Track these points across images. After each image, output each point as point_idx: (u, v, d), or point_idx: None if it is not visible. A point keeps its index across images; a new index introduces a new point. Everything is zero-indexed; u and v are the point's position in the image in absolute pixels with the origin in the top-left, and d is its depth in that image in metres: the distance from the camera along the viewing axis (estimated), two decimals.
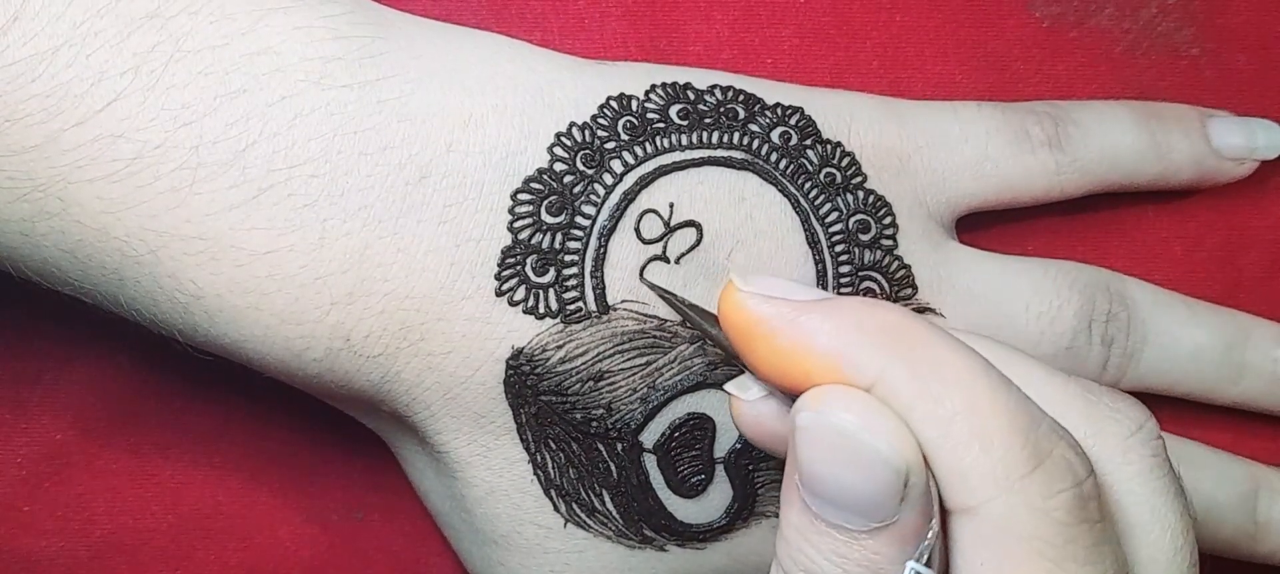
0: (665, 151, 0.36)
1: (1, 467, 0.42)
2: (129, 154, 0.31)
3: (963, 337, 0.29)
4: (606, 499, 0.37)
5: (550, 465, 0.36)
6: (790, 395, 0.29)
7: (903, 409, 0.27)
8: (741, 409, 0.32)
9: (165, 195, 0.32)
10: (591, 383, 0.35)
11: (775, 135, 0.37)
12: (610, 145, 0.36)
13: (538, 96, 0.35)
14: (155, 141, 0.31)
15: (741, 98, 0.37)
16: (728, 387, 0.32)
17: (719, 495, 0.37)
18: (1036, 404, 0.28)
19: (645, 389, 0.36)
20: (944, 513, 0.28)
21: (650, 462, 0.36)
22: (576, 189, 0.35)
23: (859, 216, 0.37)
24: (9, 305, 0.40)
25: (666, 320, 0.36)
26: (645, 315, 0.36)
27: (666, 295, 0.35)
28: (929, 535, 0.27)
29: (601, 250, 0.35)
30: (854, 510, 0.27)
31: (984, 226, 0.42)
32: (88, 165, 0.31)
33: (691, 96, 0.37)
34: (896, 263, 0.37)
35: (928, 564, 0.27)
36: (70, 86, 0.31)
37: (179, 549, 0.43)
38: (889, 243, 0.37)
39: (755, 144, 0.37)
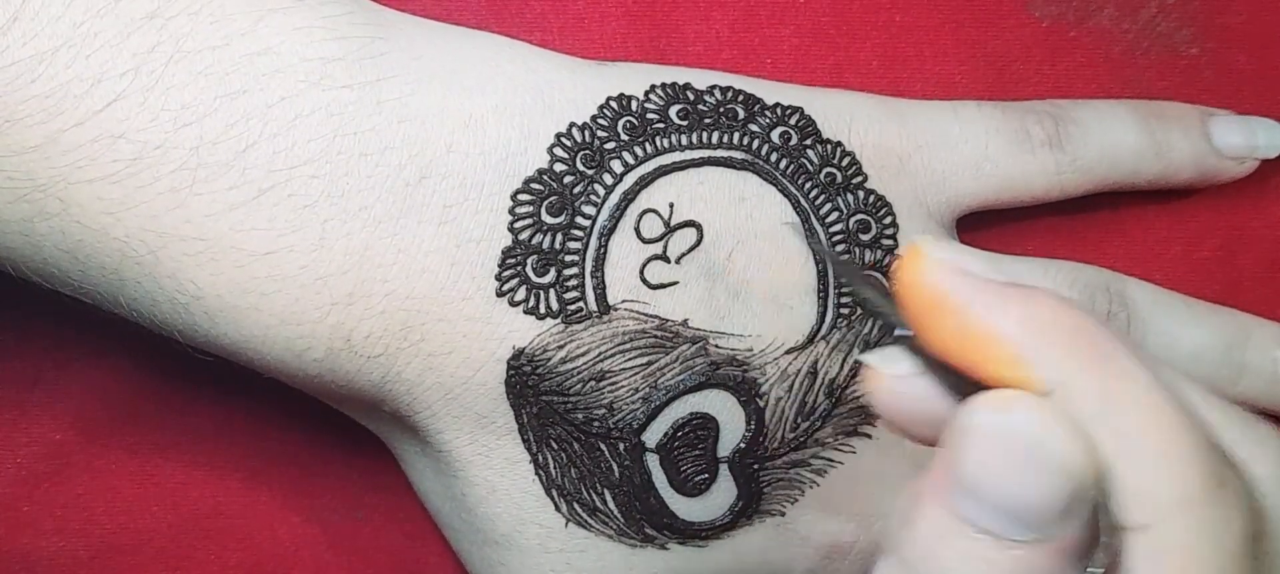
0: (665, 152, 0.36)
1: (1, 467, 0.42)
2: (129, 155, 0.31)
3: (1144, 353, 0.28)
4: (608, 499, 0.37)
5: (552, 465, 0.36)
6: (952, 375, 0.28)
7: (1085, 418, 0.26)
8: (883, 385, 0.29)
9: (165, 196, 0.32)
10: (593, 383, 0.35)
11: (775, 135, 0.37)
12: (610, 145, 0.36)
13: (538, 97, 0.35)
14: (155, 142, 0.31)
15: (741, 98, 0.37)
16: (867, 358, 0.29)
17: (722, 494, 0.37)
18: (1209, 427, 0.27)
19: (647, 389, 0.36)
20: (1115, 530, 0.27)
21: (652, 461, 0.36)
22: (577, 189, 0.35)
23: (859, 216, 0.37)
24: (9, 305, 0.40)
25: (667, 320, 0.36)
26: (646, 315, 0.36)
27: (824, 249, 0.34)
28: (1109, 549, 0.26)
29: (602, 250, 0.35)
30: (1016, 518, 0.25)
31: (984, 226, 0.42)
32: (87, 166, 0.31)
33: (691, 97, 0.37)
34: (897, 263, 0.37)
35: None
36: (70, 87, 0.31)
37: (179, 549, 0.43)
38: (889, 243, 0.37)
39: (755, 144, 0.37)
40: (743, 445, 0.36)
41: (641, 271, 0.36)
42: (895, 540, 0.27)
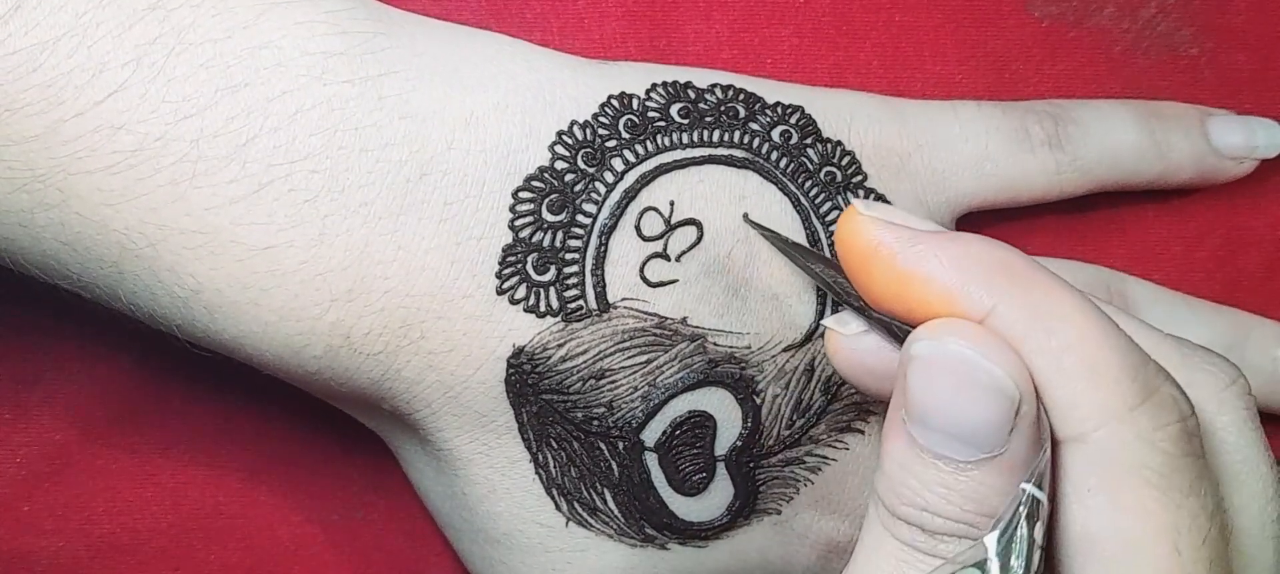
0: (666, 150, 0.36)
1: (1, 467, 0.42)
2: (129, 146, 0.31)
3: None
4: (608, 498, 0.37)
5: (552, 464, 0.36)
6: (898, 328, 0.30)
7: (1015, 341, 0.28)
8: (840, 343, 0.32)
9: (165, 188, 0.32)
10: (592, 381, 0.35)
11: (776, 134, 0.37)
12: (611, 144, 0.36)
13: (539, 95, 0.35)
14: (156, 134, 0.31)
15: (742, 97, 0.37)
16: (827, 321, 0.33)
17: (720, 493, 0.37)
18: (1140, 346, 0.29)
19: (646, 387, 0.36)
20: (1053, 442, 0.28)
21: (652, 460, 0.36)
22: (577, 187, 0.35)
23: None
24: (9, 305, 0.40)
25: (667, 318, 0.36)
26: (646, 313, 0.36)
27: (768, 233, 0.36)
28: (1042, 461, 0.27)
29: (602, 248, 0.35)
30: (964, 440, 0.27)
31: (984, 226, 0.42)
32: (88, 157, 0.31)
33: (692, 95, 0.37)
34: None
35: (1038, 488, 0.27)
36: (71, 77, 0.31)
37: (179, 549, 0.43)
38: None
39: (756, 143, 0.37)
40: (739, 443, 0.36)
41: (642, 269, 0.36)
42: (873, 482, 0.29)
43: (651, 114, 0.36)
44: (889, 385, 0.30)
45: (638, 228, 0.36)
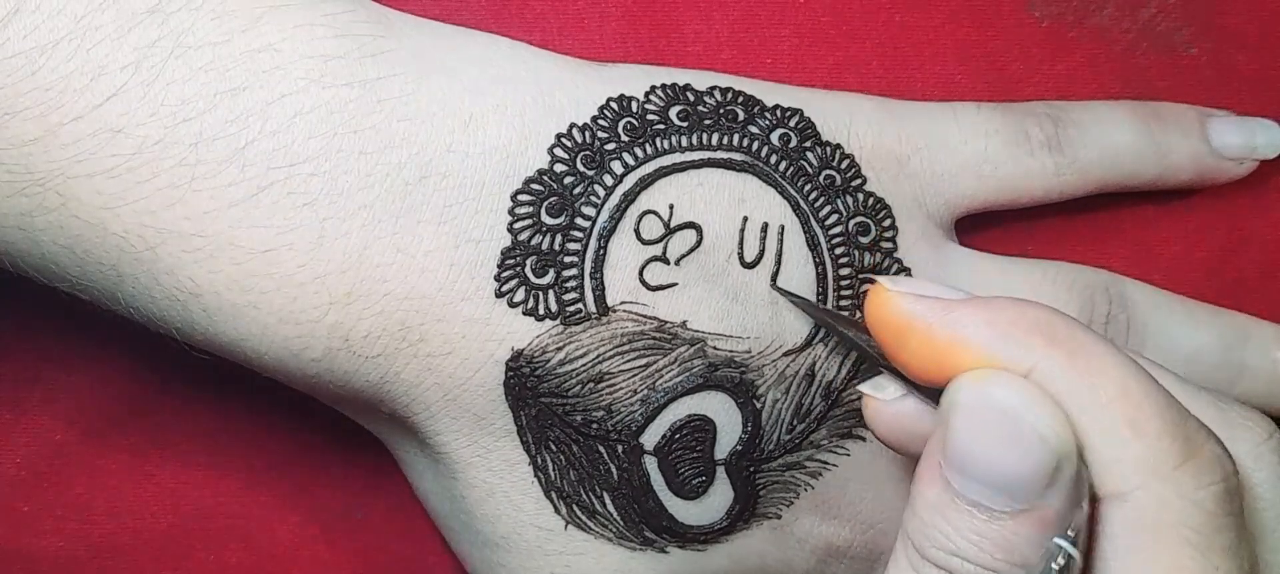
0: (665, 153, 0.36)
1: (1, 467, 0.42)
2: (128, 149, 0.31)
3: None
4: (607, 501, 0.37)
5: (551, 467, 0.36)
6: (935, 393, 0.30)
7: (1058, 397, 0.28)
8: (878, 409, 0.32)
9: (164, 191, 0.32)
10: (591, 385, 0.35)
11: (775, 137, 0.37)
12: (610, 146, 0.36)
13: (538, 97, 0.35)
14: (155, 137, 0.31)
15: (741, 99, 0.37)
16: (863, 387, 0.33)
17: (719, 497, 0.37)
18: (1181, 403, 0.29)
19: (645, 391, 0.36)
20: (1093, 500, 0.28)
21: (651, 463, 0.36)
22: (577, 190, 0.35)
23: (859, 219, 0.37)
24: (9, 305, 0.40)
25: (666, 322, 0.36)
26: (645, 317, 0.35)
27: (802, 302, 0.36)
28: (1080, 516, 0.27)
29: (601, 252, 0.35)
30: (1001, 490, 0.27)
31: (984, 227, 0.42)
32: (87, 160, 0.31)
33: (691, 98, 0.37)
34: (896, 265, 0.37)
35: (1073, 545, 0.27)
36: (70, 80, 0.31)
37: (179, 549, 0.43)
38: (889, 245, 0.37)
39: (755, 146, 0.37)
40: (739, 447, 0.36)
41: (641, 273, 0.36)
42: (903, 521, 0.29)
43: (651, 116, 0.36)
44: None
45: (637, 231, 0.35)
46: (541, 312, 0.35)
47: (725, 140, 0.37)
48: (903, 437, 0.32)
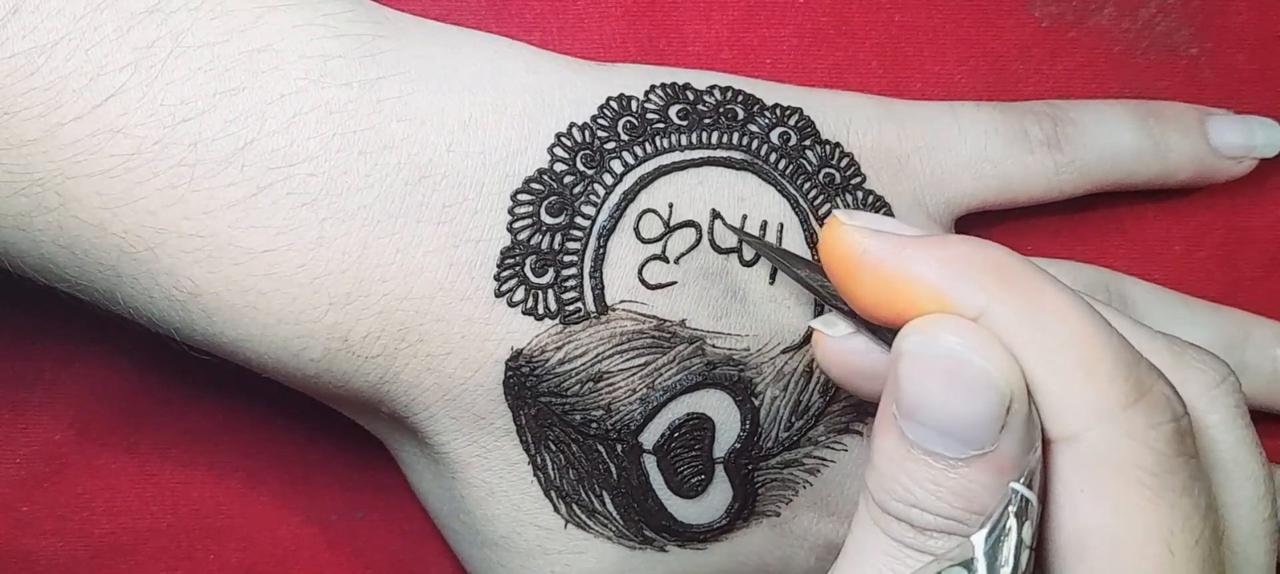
0: (665, 152, 0.36)
1: (1, 467, 0.42)
2: (127, 150, 0.31)
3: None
4: (607, 500, 0.37)
5: (550, 467, 0.36)
6: (886, 330, 0.29)
7: (1007, 340, 0.28)
8: (828, 346, 0.32)
9: (163, 192, 0.32)
10: (591, 384, 0.35)
11: (774, 136, 0.37)
12: (610, 145, 0.36)
13: (537, 97, 0.35)
14: (154, 137, 0.31)
15: (741, 98, 0.37)
16: (814, 323, 0.32)
17: (719, 496, 0.37)
18: (1132, 345, 0.29)
19: (644, 390, 0.36)
20: (1044, 442, 0.28)
21: (650, 462, 0.36)
22: (576, 189, 0.35)
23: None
24: (9, 305, 0.40)
25: (665, 320, 0.36)
26: (644, 316, 0.35)
27: (751, 238, 0.35)
28: (1032, 460, 0.27)
29: (601, 251, 0.35)
30: (955, 436, 0.27)
31: (984, 227, 0.42)
32: (86, 160, 0.31)
33: (691, 97, 0.37)
34: None
35: (1029, 488, 0.27)
36: (69, 80, 0.31)
37: (179, 549, 0.43)
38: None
39: (754, 144, 0.37)
40: (738, 445, 0.36)
41: (640, 272, 0.36)
42: (864, 477, 0.29)
43: (650, 116, 0.36)
44: (878, 386, 0.30)
45: (636, 230, 0.35)
46: (541, 311, 0.35)
47: (725, 139, 0.37)
48: (853, 375, 0.32)
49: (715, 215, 0.36)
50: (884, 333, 0.30)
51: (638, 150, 0.36)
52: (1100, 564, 0.27)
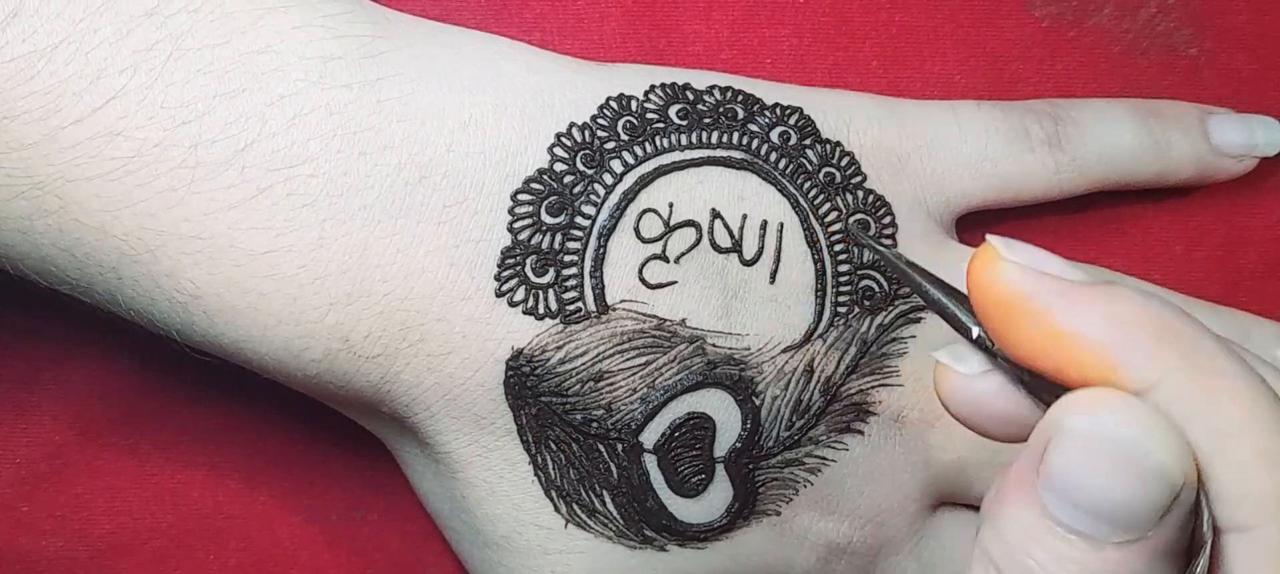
0: (665, 151, 0.36)
1: (1, 467, 0.42)
2: (127, 152, 0.31)
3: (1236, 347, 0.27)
4: (607, 500, 0.37)
5: (551, 466, 0.36)
6: (1030, 375, 0.27)
7: (1180, 418, 0.25)
8: (955, 383, 0.29)
9: (163, 194, 0.32)
10: (591, 383, 0.35)
11: (774, 135, 0.37)
12: (610, 145, 0.36)
13: (537, 97, 0.35)
14: (154, 140, 0.31)
15: (740, 98, 0.37)
16: (939, 355, 0.29)
17: (719, 495, 0.37)
18: None
19: (645, 389, 0.36)
20: (1215, 532, 0.26)
21: (650, 462, 0.36)
22: (576, 189, 0.35)
23: (858, 216, 0.37)
24: (9, 305, 0.40)
25: (666, 320, 0.36)
26: (644, 315, 0.35)
27: (882, 251, 0.32)
28: (1203, 554, 0.25)
29: (601, 250, 0.35)
30: (1109, 521, 0.25)
31: (983, 226, 0.41)
32: (86, 163, 0.31)
33: (691, 97, 0.37)
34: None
35: None
36: (69, 83, 0.31)
37: (179, 549, 0.43)
38: (888, 243, 0.37)
39: (754, 144, 0.37)
40: (738, 445, 0.36)
41: (640, 271, 0.36)
42: (980, 539, 0.26)
43: (650, 115, 0.36)
44: (1011, 429, 0.28)
45: (637, 229, 0.35)
46: (541, 311, 0.35)
47: (724, 138, 0.37)
48: (982, 417, 0.29)
49: (715, 215, 0.36)
50: (1027, 377, 0.27)
51: (638, 150, 0.36)
52: None
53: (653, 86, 0.37)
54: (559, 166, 0.35)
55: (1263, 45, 0.43)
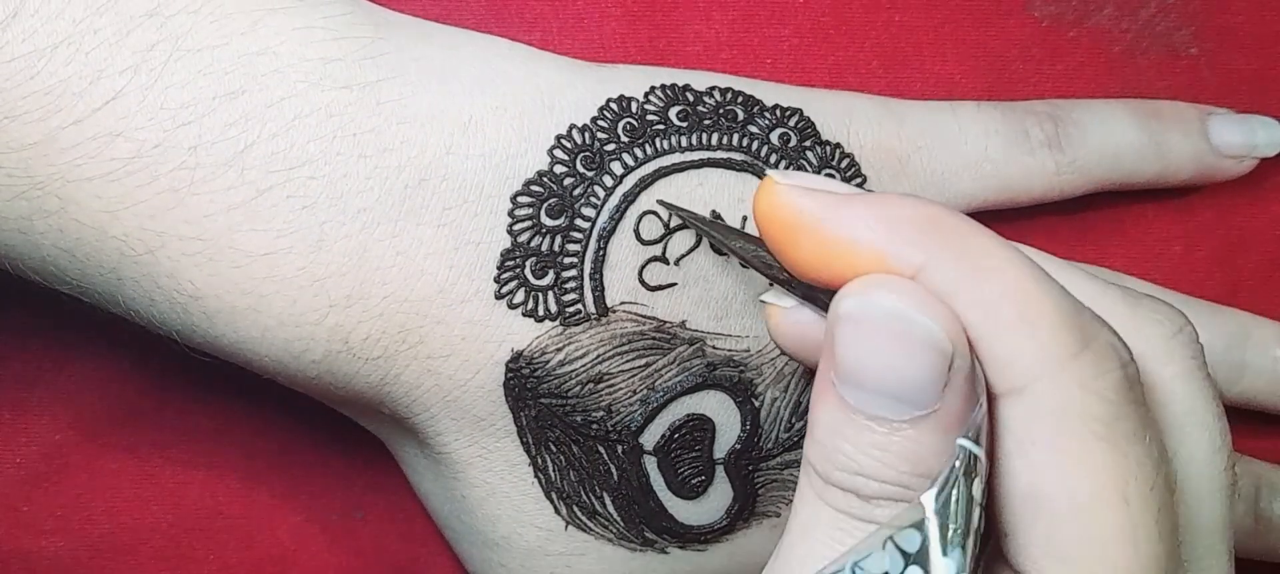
0: (665, 153, 0.36)
1: (1, 467, 0.42)
2: (127, 153, 0.31)
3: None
4: (607, 501, 0.37)
5: (551, 468, 0.36)
6: (826, 297, 0.29)
7: (947, 296, 0.27)
8: (780, 317, 0.31)
9: (164, 195, 0.32)
10: (591, 385, 0.35)
11: (775, 137, 0.37)
12: (610, 147, 0.36)
13: (537, 98, 0.35)
14: (154, 141, 0.31)
15: (741, 99, 0.37)
16: (765, 296, 0.32)
17: (719, 496, 0.37)
18: (1079, 297, 0.28)
19: (645, 391, 0.36)
20: (990, 397, 0.28)
21: (651, 463, 0.36)
22: (576, 191, 0.35)
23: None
24: (9, 305, 0.40)
25: (665, 322, 0.36)
26: (644, 317, 0.35)
27: (684, 213, 0.35)
28: (978, 415, 0.27)
29: (601, 252, 0.35)
30: (897, 397, 0.26)
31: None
32: (86, 164, 0.31)
33: (691, 98, 0.37)
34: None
35: (976, 443, 0.27)
36: (69, 84, 0.31)
37: (179, 549, 0.43)
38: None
39: (755, 145, 0.37)
40: (738, 446, 0.36)
41: (640, 273, 0.36)
42: (803, 453, 0.28)
43: (650, 117, 0.36)
44: None
45: (637, 231, 0.35)
46: (541, 313, 0.35)
47: (725, 140, 0.36)
48: (808, 348, 0.31)
49: (715, 217, 0.36)
50: (823, 297, 0.29)
51: (637, 152, 0.36)
52: (1056, 517, 0.27)
53: (653, 88, 0.37)
54: (559, 168, 0.35)
55: (1263, 45, 0.43)
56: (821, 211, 0.28)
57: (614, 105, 0.36)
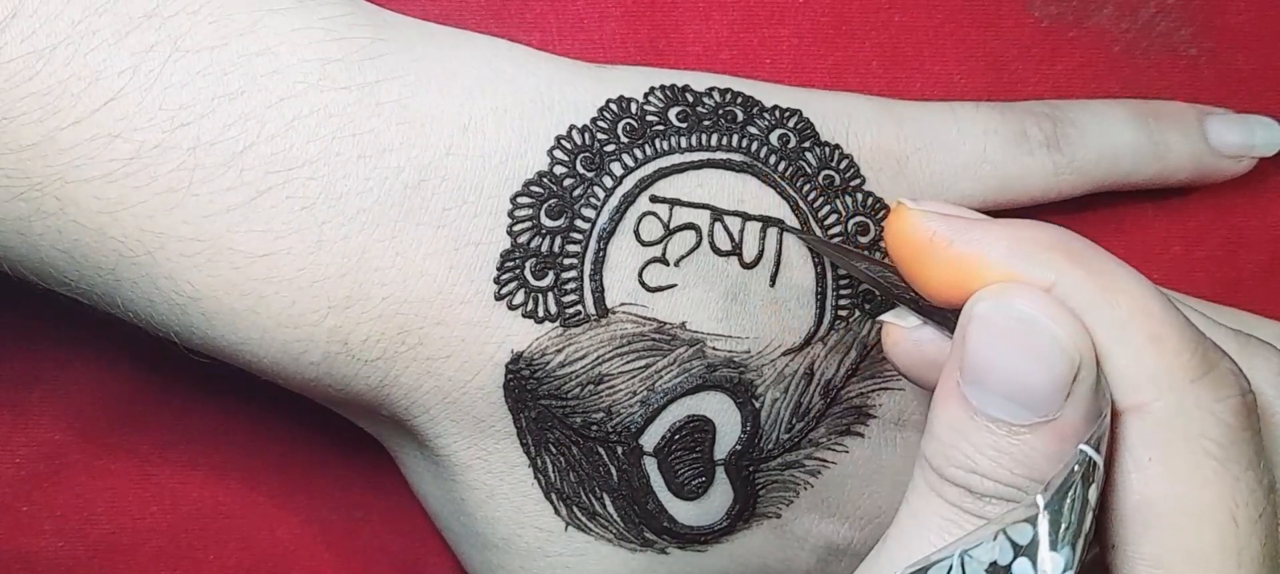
0: (664, 154, 0.36)
1: (1, 467, 0.42)
2: (126, 154, 0.31)
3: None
4: (607, 503, 0.37)
5: (551, 469, 0.36)
6: (954, 318, 0.30)
7: (1078, 310, 0.28)
8: (899, 337, 0.32)
9: (162, 196, 0.32)
10: (591, 386, 0.35)
11: (774, 138, 0.37)
12: (610, 148, 0.36)
13: (537, 99, 0.35)
14: (153, 142, 0.31)
15: (740, 100, 0.37)
16: (884, 317, 0.33)
17: (719, 498, 0.37)
18: (1196, 325, 0.29)
19: (645, 392, 0.36)
20: (1113, 412, 0.28)
21: (650, 464, 0.36)
22: (576, 192, 0.35)
23: (858, 219, 0.37)
24: (9, 306, 0.40)
25: (666, 323, 0.36)
26: (644, 318, 0.35)
27: (808, 236, 0.36)
28: (1101, 426, 0.28)
29: (601, 253, 0.35)
30: (1020, 402, 0.27)
31: None
32: (85, 165, 0.31)
33: (690, 99, 0.37)
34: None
35: (1096, 451, 0.28)
36: (67, 85, 0.31)
37: (179, 549, 0.43)
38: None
39: (754, 146, 0.37)
40: (738, 447, 0.36)
41: (640, 274, 0.36)
42: (920, 448, 0.29)
43: (650, 118, 0.36)
44: None
45: (636, 232, 0.35)
46: (541, 314, 0.35)
47: (724, 141, 0.36)
48: (924, 367, 0.32)
49: (715, 217, 0.36)
50: (951, 318, 0.30)
51: (637, 153, 0.36)
52: (1167, 532, 0.28)
53: (652, 88, 0.36)
54: (558, 169, 0.35)
55: (1262, 45, 0.43)
56: (953, 234, 0.29)
57: (614, 106, 0.36)
